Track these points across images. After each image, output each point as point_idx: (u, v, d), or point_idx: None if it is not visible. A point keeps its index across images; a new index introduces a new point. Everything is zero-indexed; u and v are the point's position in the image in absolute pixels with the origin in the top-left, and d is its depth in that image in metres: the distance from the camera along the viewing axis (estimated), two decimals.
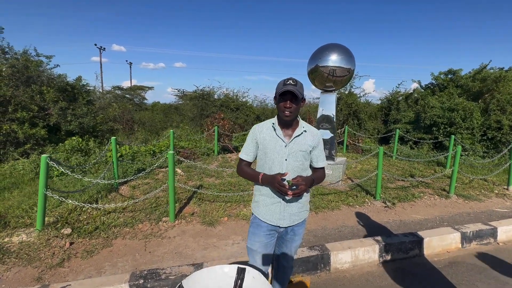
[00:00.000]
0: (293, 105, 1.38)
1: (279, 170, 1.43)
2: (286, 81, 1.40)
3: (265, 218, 1.49)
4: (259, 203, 1.52)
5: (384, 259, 2.53)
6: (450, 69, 10.88)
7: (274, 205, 1.48)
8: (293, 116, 1.41)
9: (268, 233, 1.50)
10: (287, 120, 1.43)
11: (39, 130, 6.96)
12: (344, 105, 10.59)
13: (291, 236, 1.54)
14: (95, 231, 2.84)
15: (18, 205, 3.40)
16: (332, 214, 3.52)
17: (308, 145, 1.48)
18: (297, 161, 1.45)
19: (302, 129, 1.48)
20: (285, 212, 1.47)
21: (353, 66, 4.74)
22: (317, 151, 1.53)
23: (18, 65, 7.48)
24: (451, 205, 4.00)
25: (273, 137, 1.47)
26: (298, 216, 1.50)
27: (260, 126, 1.53)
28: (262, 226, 1.49)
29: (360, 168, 5.83)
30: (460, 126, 8.30)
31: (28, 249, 2.49)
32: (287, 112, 1.39)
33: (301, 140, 1.47)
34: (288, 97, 1.38)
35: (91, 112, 8.88)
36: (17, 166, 5.66)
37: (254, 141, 1.52)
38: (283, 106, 1.40)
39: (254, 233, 1.52)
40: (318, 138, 1.53)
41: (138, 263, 2.36)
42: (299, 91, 1.37)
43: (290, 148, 1.45)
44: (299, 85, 1.40)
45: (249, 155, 1.54)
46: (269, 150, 1.46)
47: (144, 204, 3.56)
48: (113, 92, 17.57)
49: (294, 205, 1.48)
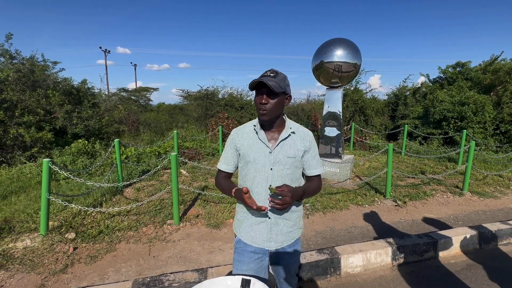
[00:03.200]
0: (270, 100, 1.13)
1: (264, 181, 1.20)
2: (265, 72, 1.16)
3: (249, 240, 1.26)
4: (242, 222, 1.28)
5: (398, 262, 2.42)
6: (458, 62, 10.57)
7: (260, 225, 1.24)
8: (271, 115, 1.16)
9: (255, 257, 1.26)
10: (264, 120, 1.19)
11: (46, 133, 7.02)
12: (350, 101, 10.39)
13: (286, 260, 1.31)
14: (99, 235, 2.80)
15: (23, 210, 3.40)
16: (340, 214, 3.41)
17: (297, 149, 1.23)
18: (285, 170, 1.21)
19: (290, 131, 1.23)
20: (272, 232, 1.23)
21: (359, 61, 4.60)
22: (309, 156, 1.27)
23: (24, 69, 7.56)
24: (466, 203, 3.84)
25: (256, 142, 1.22)
26: (288, 236, 1.26)
27: (239, 130, 1.29)
28: (248, 252, 1.26)
29: (368, 166, 5.68)
30: (471, 120, 8.04)
31: (32, 254, 2.46)
32: (263, 109, 1.14)
33: (289, 144, 1.22)
34: (265, 91, 1.13)
35: (96, 114, 8.94)
36: (24, 170, 5.70)
37: (233, 148, 1.28)
38: (258, 102, 1.16)
39: (239, 261, 1.27)
40: (310, 140, 1.27)
41: (142, 268, 2.30)
42: (278, 84, 1.12)
43: (276, 155, 1.20)
44: (281, 78, 1.15)
45: (229, 165, 1.30)
46: (251, 158, 1.21)
47: (148, 206, 3.51)
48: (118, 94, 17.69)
49: (283, 223, 1.25)
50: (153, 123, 13.68)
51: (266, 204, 1.21)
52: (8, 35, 7.43)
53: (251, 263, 1.25)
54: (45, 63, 8.37)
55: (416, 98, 10.75)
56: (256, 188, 1.22)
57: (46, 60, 8.46)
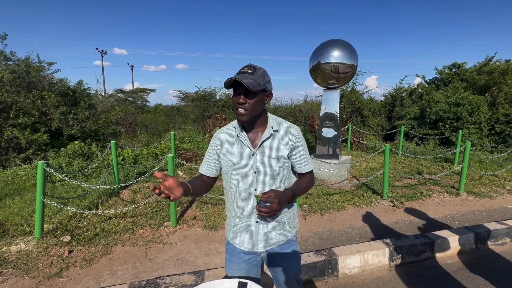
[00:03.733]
0: (248, 100, 1.06)
1: (249, 185, 1.15)
2: (242, 68, 1.08)
3: (238, 244, 1.22)
4: (231, 227, 1.25)
5: (395, 263, 2.42)
6: (454, 63, 10.68)
7: (247, 229, 1.20)
8: (250, 114, 1.08)
9: (246, 258, 1.23)
10: (242, 121, 1.11)
11: (41, 135, 6.93)
12: (347, 102, 10.44)
13: (280, 264, 1.24)
14: (94, 238, 2.77)
15: (18, 212, 3.35)
16: (338, 215, 3.41)
17: (282, 149, 1.15)
18: (270, 172, 1.14)
19: (271, 130, 1.15)
20: (261, 235, 1.19)
21: (356, 62, 4.62)
22: (298, 153, 1.19)
23: (19, 70, 7.48)
24: (462, 203, 3.86)
25: (237, 145, 1.16)
26: (278, 239, 1.22)
27: (221, 132, 1.23)
28: (238, 253, 1.23)
29: (365, 166, 5.70)
30: (467, 120, 8.11)
31: (26, 258, 2.42)
32: (241, 109, 1.07)
33: (272, 144, 1.15)
34: (242, 90, 1.05)
35: (93, 116, 8.86)
36: (19, 172, 5.63)
37: (214, 151, 1.22)
38: (236, 102, 1.08)
39: (230, 261, 1.25)
40: (296, 136, 1.18)
41: (138, 271, 2.28)
42: (256, 81, 1.04)
43: (259, 157, 1.14)
44: (259, 74, 1.06)
45: (210, 168, 1.23)
46: (233, 161, 1.15)
47: (145, 208, 3.48)
48: (115, 95, 17.61)
49: (273, 226, 1.19)
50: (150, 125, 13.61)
51: (252, 205, 1.16)
52: (2, 35, 7.35)
53: (241, 263, 1.23)
54: (40, 64, 8.29)
55: (412, 99, 10.83)
56: (242, 193, 1.17)
57: (41, 61, 8.38)
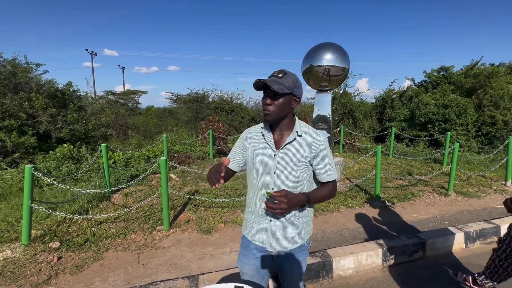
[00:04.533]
0: (274, 102, 1.11)
1: (267, 184, 1.18)
2: (274, 73, 1.14)
3: (252, 238, 1.27)
4: (247, 222, 1.30)
5: (388, 263, 2.45)
6: (442, 66, 10.96)
7: (261, 226, 1.23)
8: (275, 115, 1.13)
9: (258, 255, 1.27)
10: (267, 121, 1.17)
11: (28, 138, 6.76)
12: (339, 104, 10.58)
13: (288, 265, 1.28)
14: (85, 243, 2.70)
15: (4, 218, 3.24)
16: (331, 217, 3.43)
17: (304, 154, 1.17)
18: (289, 175, 1.17)
19: (296, 134, 1.19)
20: (273, 235, 1.21)
21: (348, 65, 4.68)
22: (320, 161, 1.20)
23: (5, 71, 7.28)
24: (451, 203, 3.95)
25: (262, 144, 1.22)
26: (289, 242, 1.22)
27: (250, 130, 1.30)
28: (250, 248, 1.28)
29: (358, 168, 5.77)
30: (454, 122, 8.33)
31: (13, 266, 2.34)
32: (266, 110, 1.13)
33: (294, 148, 1.18)
34: (268, 92, 1.11)
35: (82, 118, 8.69)
36: (4, 176, 5.45)
37: (242, 147, 1.28)
38: (263, 103, 1.14)
39: (243, 254, 1.31)
40: (321, 144, 1.19)
41: (131, 277, 2.24)
42: (284, 85, 1.08)
43: (280, 158, 1.17)
44: (289, 78, 1.11)
45: (234, 162, 1.28)
46: (256, 159, 1.21)
47: (137, 212, 3.42)
48: (105, 97, 17.33)
49: (285, 228, 1.21)
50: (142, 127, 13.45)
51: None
52: None
53: (252, 259, 1.27)
54: (28, 65, 8.09)
55: (402, 101, 11.05)
56: (259, 191, 1.22)
57: (29, 62, 8.18)
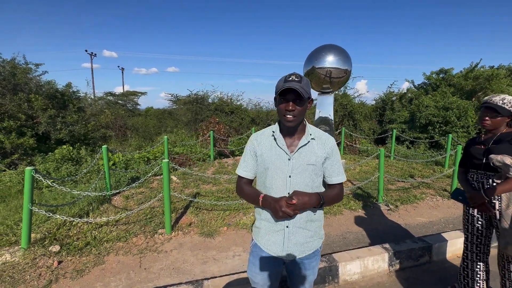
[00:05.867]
0: (296, 107, 1.10)
1: (282, 189, 1.17)
2: (288, 77, 1.11)
3: (266, 248, 1.23)
4: (260, 230, 1.26)
5: (394, 268, 2.42)
6: (441, 69, 11.01)
7: (277, 233, 1.20)
8: (297, 121, 1.12)
9: (271, 264, 1.24)
10: (290, 127, 1.15)
11: (27, 139, 6.71)
12: (339, 106, 10.58)
13: (301, 271, 1.25)
14: (85, 247, 2.65)
15: (2, 221, 3.19)
16: (335, 220, 3.40)
17: (318, 156, 1.18)
18: (304, 178, 1.16)
19: (310, 137, 1.18)
20: (289, 241, 1.19)
21: (350, 67, 4.67)
22: (330, 163, 1.21)
23: (4, 72, 7.23)
24: (454, 206, 3.92)
25: (274, 148, 1.19)
26: (305, 247, 1.21)
27: (259, 136, 1.26)
28: (263, 257, 1.24)
29: (359, 170, 5.74)
30: (455, 124, 8.34)
31: (12, 270, 2.29)
32: (290, 116, 1.10)
33: (308, 151, 1.17)
34: (291, 97, 1.09)
35: (82, 119, 8.64)
36: (3, 178, 5.40)
37: (252, 153, 1.25)
38: (284, 108, 1.11)
39: (254, 264, 1.27)
40: (331, 146, 1.21)
41: (133, 282, 2.19)
42: (304, 89, 1.08)
43: (295, 162, 1.16)
44: (305, 82, 1.11)
45: (248, 171, 1.26)
46: (269, 164, 1.18)
47: (138, 215, 3.38)
48: (105, 98, 17.28)
49: (302, 233, 1.20)
50: (141, 128, 13.40)
51: None
52: None
53: (264, 269, 1.25)
54: (27, 65, 8.03)
55: (402, 103, 11.07)
56: (274, 195, 1.19)
57: (28, 62, 8.12)
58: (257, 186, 1.29)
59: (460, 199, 1.84)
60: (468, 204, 1.83)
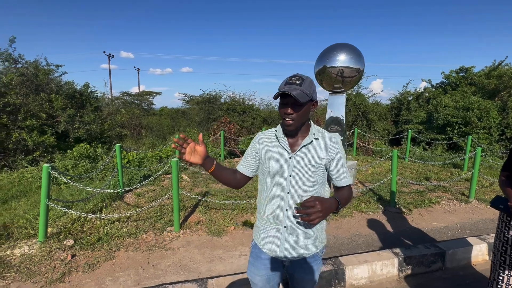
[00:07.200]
0: (295, 111, 1.08)
1: (282, 188, 1.16)
2: (290, 79, 1.09)
3: (264, 247, 1.22)
4: (260, 229, 1.25)
5: (404, 273, 2.34)
6: (461, 67, 10.54)
7: (275, 233, 1.19)
8: (297, 124, 1.11)
9: (269, 265, 1.23)
10: (290, 130, 1.14)
11: (48, 137, 7.01)
12: (353, 106, 10.35)
13: (301, 275, 1.23)
14: (97, 242, 2.74)
15: (23, 215, 3.36)
16: (344, 222, 3.33)
17: (321, 157, 1.15)
18: (305, 178, 1.14)
19: (313, 137, 1.16)
20: (286, 242, 1.17)
21: (362, 66, 4.55)
22: (337, 165, 1.19)
23: (28, 73, 7.60)
24: (472, 211, 3.75)
25: (276, 147, 1.19)
26: (303, 249, 1.18)
27: (262, 134, 1.27)
28: (262, 259, 1.23)
29: (372, 172, 5.60)
30: (476, 125, 7.95)
31: (29, 262, 2.41)
32: (288, 120, 1.10)
33: (311, 151, 1.15)
34: (290, 101, 1.07)
35: (99, 118, 8.94)
36: (25, 174, 5.68)
37: (254, 151, 1.25)
38: (283, 112, 1.10)
39: (253, 265, 1.27)
40: (337, 148, 1.18)
41: (141, 277, 2.25)
42: (304, 92, 1.06)
43: (296, 161, 1.14)
44: (307, 84, 1.08)
45: (247, 167, 1.26)
46: (270, 163, 1.18)
47: (148, 212, 3.46)
48: (121, 98, 17.83)
49: (300, 235, 1.17)
50: (155, 127, 13.70)
51: (282, 211, 1.16)
52: (11, 38, 7.47)
53: (262, 270, 1.24)
54: (48, 66, 8.40)
55: (419, 103, 10.69)
56: (274, 195, 1.18)
57: (49, 63, 8.49)
58: (259, 185, 1.29)
59: (501, 207, 1.65)
60: (510, 214, 1.63)
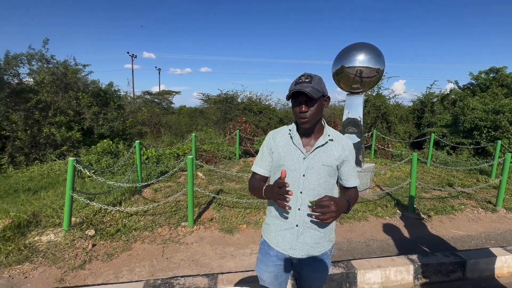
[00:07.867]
0: (309, 108, 1.09)
1: (295, 187, 1.15)
2: (298, 79, 1.11)
3: (274, 244, 1.23)
4: (270, 227, 1.26)
5: (420, 281, 2.25)
6: (492, 67, 9.90)
7: (286, 231, 1.19)
8: (313, 121, 1.12)
9: (278, 262, 1.23)
10: (306, 128, 1.15)
11: (75, 133, 7.44)
12: (372, 107, 10.06)
13: (308, 273, 1.23)
14: (116, 233, 2.88)
15: (50, 205, 3.59)
16: (359, 226, 3.26)
17: (334, 158, 1.16)
18: (318, 178, 1.15)
19: (328, 138, 1.17)
20: (298, 241, 1.17)
21: (382, 66, 4.42)
22: (347, 166, 1.21)
23: (58, 72, 8.09)
24: (499, 220, 3.52)
25: (290, 147, 1.18)
26: (314, 248, 1.19)
27: (275, 133, 1.26)
28: (271, 255, 1.23)
29: (390, 175, 5.42)
30: (507, 129, 7.45)
31: (54, 249, 2.58)
32: (304, 118, 1.11)
33: (325, 152, 1.16)
34: (303, 99, 1.09)
35: (121, 116, 9.34)
36: (54, 167, 6.07)
37: (268, 150, 1.24)
38: (297, 111, 1.11)
39: (262, 261, 1.27)
40: (349, 149, 1.20)
41: (155, 269, 2.33)
42: (315, 88, 1.07)
43: (310, 161, 1.15)
44: (316, 81, 1.09)
45: (264, 168, 1.26)
46: (284, 162, 1.18)
47: (164, 207, 3.57)
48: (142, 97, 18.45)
49: (311, 234, 1.17)
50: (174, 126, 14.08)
51: (295, 210, 1.16)
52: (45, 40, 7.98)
53: (271, 266, 1.24)
54: (76, 66, 8.90)
55: (444, 105, 10.18)
56: None
57: (77, 63, 9.00)
58: (270, 182, 1.28)
59: None
60: None
